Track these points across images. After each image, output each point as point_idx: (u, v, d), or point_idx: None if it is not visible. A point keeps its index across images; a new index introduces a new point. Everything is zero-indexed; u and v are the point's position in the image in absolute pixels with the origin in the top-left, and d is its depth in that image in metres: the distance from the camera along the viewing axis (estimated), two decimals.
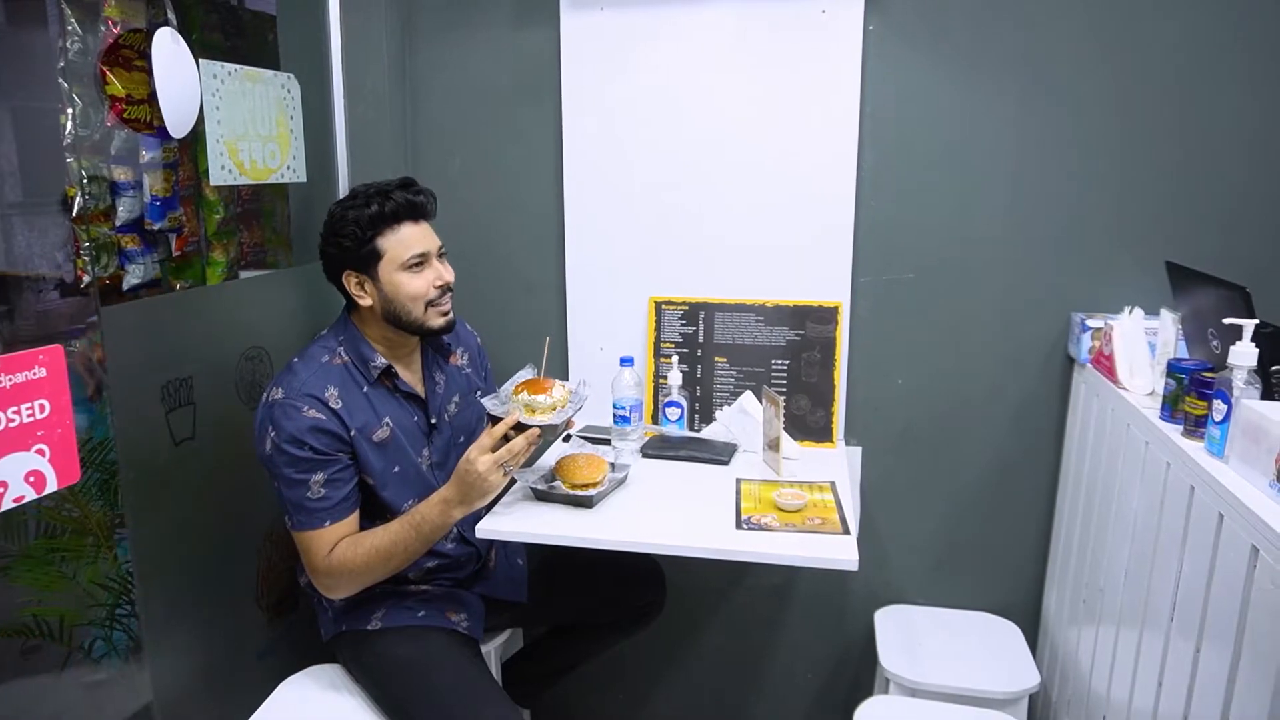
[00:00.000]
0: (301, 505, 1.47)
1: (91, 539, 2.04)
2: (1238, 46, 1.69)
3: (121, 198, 1.58)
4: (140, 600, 1.49)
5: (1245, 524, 1.05)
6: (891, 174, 1.88)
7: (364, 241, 1.52)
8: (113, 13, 1.50)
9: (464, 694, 1.49)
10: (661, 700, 2.27)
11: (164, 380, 1.50)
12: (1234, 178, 1.73)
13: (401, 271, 1.53)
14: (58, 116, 1.48)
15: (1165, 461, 1.33)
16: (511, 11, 1.99)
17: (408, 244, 1.54)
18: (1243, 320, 1.21)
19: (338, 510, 1.49)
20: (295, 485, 1.46)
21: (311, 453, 1.46)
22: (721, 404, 1.99)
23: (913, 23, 1.81)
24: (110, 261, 1.63)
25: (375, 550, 1.48)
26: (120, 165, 1.56)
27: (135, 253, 1.63)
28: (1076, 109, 1.77)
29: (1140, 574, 1.41)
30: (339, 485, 1.49)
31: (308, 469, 1.46)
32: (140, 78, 1.55)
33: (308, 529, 1.48)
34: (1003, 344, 1.89)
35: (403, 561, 1.51)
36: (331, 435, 1.48)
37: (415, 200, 1.55)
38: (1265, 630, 0.99)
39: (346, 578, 1.50)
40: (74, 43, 1.50)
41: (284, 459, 1.45)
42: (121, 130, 1.55)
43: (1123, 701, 1.45)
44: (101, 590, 2.02)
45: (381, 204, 1.52)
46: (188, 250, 1.69)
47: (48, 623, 2.03)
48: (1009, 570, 1.99)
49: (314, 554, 1.49)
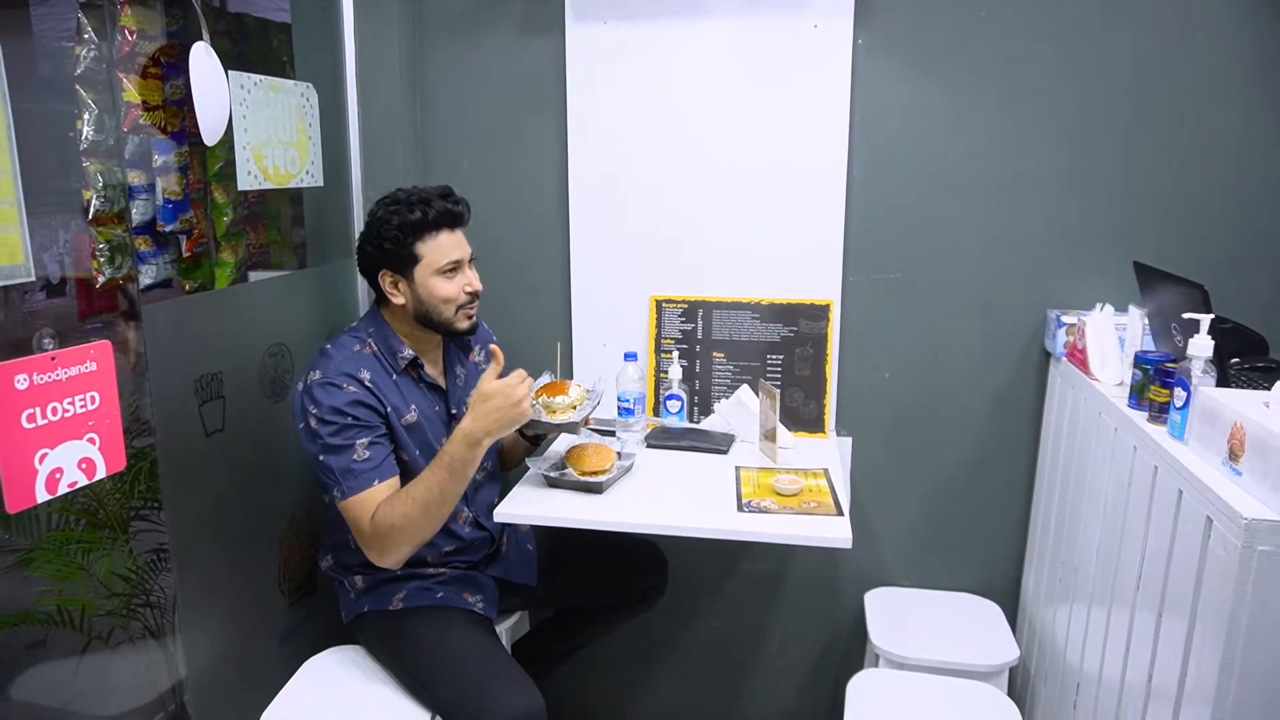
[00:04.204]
0: (349, 469, 1.53)
1: (107, 531, 2.12)
2: (1199, 62, 1.81)
3: (136, 200, 1.64)
4: (176, 581, 1.57)
5: (1201, 498, 1.16)
6: (879, 179, 1.98)
7: (404, 245, 1.61)
8: (129, 21, 1.56)
9: (483, 671, 1.56)
10: (661, 680, 2.36)
11: (198, 375, 1.58)
12: (1195, 185, 1.85)
13: (436, 276, 1.63)
14: (74, 121, 1.54)
15: (1132, 445, 1.44)
16: (518, 23, 2.07)
17: (444, 251, 1.63)
18: (1201, 315, 1.31)
19: (383, 469, 1.56)
20: (341, 451, 1.53)
21: (354, 420, 1.54)
22: (719, 397, 2.09)
23: (899, 37, 1.91)
24: (125, 262, 1.70)
25: (413, 500, 1.52)
26: (134, 169, 1.62)
27: (148, 254, 1.69)
28: (1051, 119, 1.88)
29: (1110, 551, 1.52)
30: (381, 448, 1.57)
31: (353, 435, 1.54)
32: (155, 84, 1.61)
33: (357, 492, 1.53)
34: (983, 339, 2.00)
35: (442, 507, 1.53)
36: (370, 408, 1.57)
37: (455, 210, 1.65)
38: (1217, 595, 1.10)
39: (395, 537, 1.53)
40: (90, 50, 1.57)
41: (329, 429, 1.53)
42: (136, 135, 1.61)
43: (1094, 672, 1.55)
44: (120, 580, 2.09)
45: (425, 212, 1.61)
46: (198, 251, 1.75)
47: (69, 611, 2.10)
48: (990, 552, 2.10)
49: (364, 519, 1.53)
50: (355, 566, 1.69)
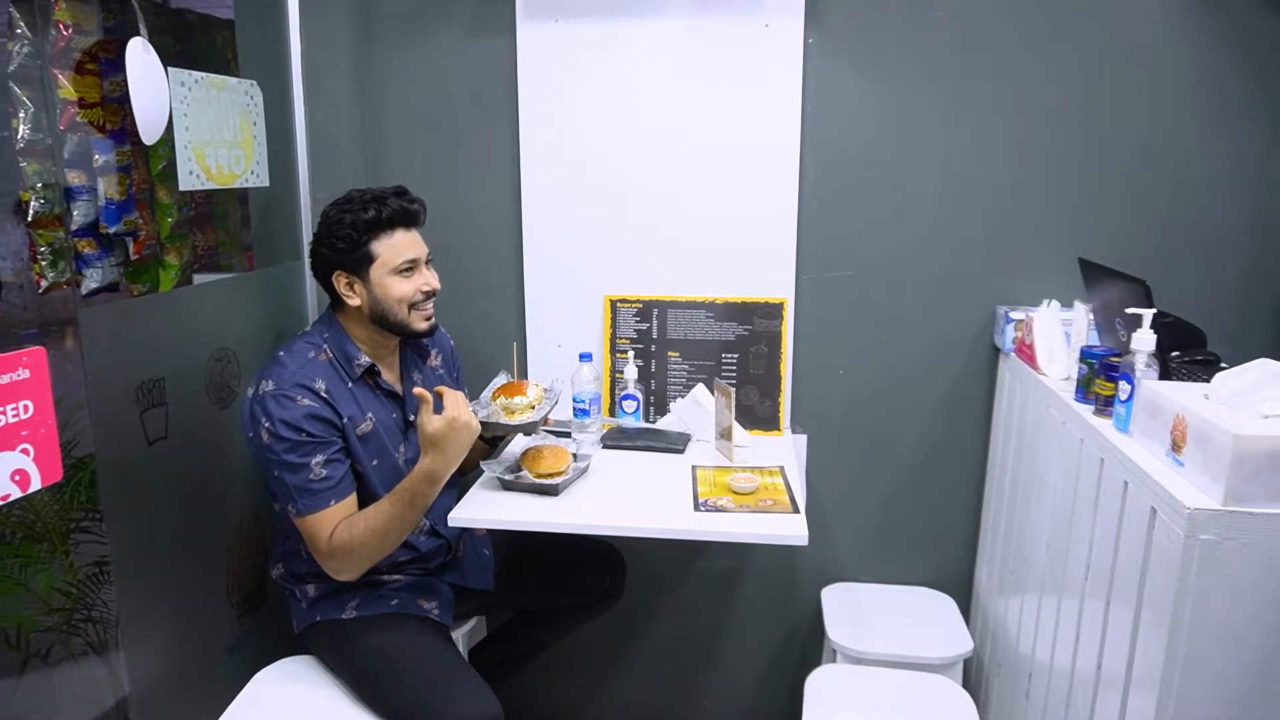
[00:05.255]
0: (305, 488, 1.51)
1: (46, 545, 2.04)
2: (1140, 66, 1.86)
3: (76, 202, 1.58)
4: (118, 594, 1.52)
5: (1146, 489, 1.19)
6: (831, 178, 2.00)
7: (358, 244, 1.58)
8: (64, 16, 1.51)
9: (439, 678, 1.54)
10: (621, 680, 2.36)
11: (138, 381, 1.53)
12: (1137, 185, 1.90)
13: (392, 275, 1.60)
14: (9, 120, 1.48)
15: (1079, 438, 1.47)
16: (469, 21, 2.05)
17: (400, 250, 1.60)
18: (1143, 310, 1.34)
19: (340, 488, 1.54)
20: (297, 469, 1.50)
21: (309, 437, 1.51)
22: (675, 396, 2.09)
23: (849, 37, 1.93)
24: (67, 266, 1.64)
25: (370, 529, 1.52)
26: (74, 169, 1.56)
27: (93, 257, 1.64)
28: (998, 121, 1.92)
29: (1059, 543, 1.55)
30: (338, 465, 1.54)
31: (308, 452, 1.51)
32: (92, 81, 1.55)
33: (314, 511, 1.52)
34: (934, 336, 2.03)
35: (399, 535, 1.55)
36: (326, 421, 1.54)
37: (410, 208, 1.62)
38: (1161, 583, 1.13)
39: (349, 556, 1.53)
40: (23, 46, 1.51)
41: (283, 445, 1.49)
42: (75, 134, 1.55)
43: (1045, 661, 1.59)
44: (60, 595, 2.02)
45: (379, 210, 1.58)
46: (146, 254, 1.70)
47: (5, 629, 2.02)
48: (943, 546, 2.14)
49: (321, 536, 1.52)
50: (307, 575, 1.66)
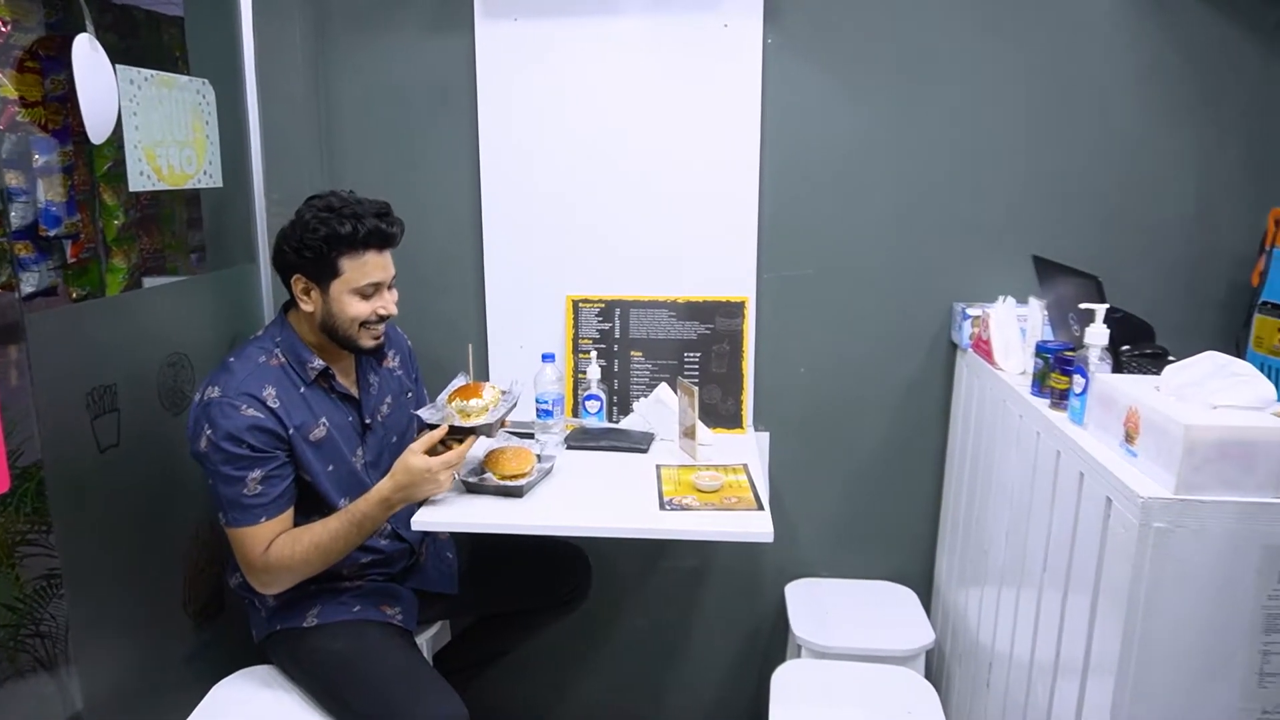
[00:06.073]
0: (237, 502, 1.49)
1: None
2: (1091, 66, 1.90)
3: (14, 203, 1.53)
4: (69, 608, 1.48)
5: (1101, 480, 1.22)
6: (790, 178, 2.01)
7: (326, 257, 1.53)
8: (3, 12, 1.46)
9: (404, 683, 1.52)
10: (587, 680, 2.35)
11: (89, 388, 1.49)
12: (1089, 183, 1.94)
13: (351, 294, 1.56)
14: None
15: (1036, 431, 1.50)
16: (426, 18, 2.03)
17: (367, 272, 1.56)
18: (1096, 305, 1.37)
19: (273, 506, 1.51)
20: (232, 482, 1.48)
21: (249, 450, 1.48)
22: (638, 396, 2.09)
23: (808, 38, 1.95)
24: (3, 270, 1.59)
25: (314, 546, 1.52)
26: (12, 169, 1.51)
27: (29, 260, 1.59)
28: (953, 120, 1.95)
29: (1018, 534, 1.58)
30: (275, 482, 1.51)
31: (245, 466, 1.48)
32: (33, 79, 1.51)
33: (243, 525, 1.50)
34: (893, 333, 2.06)
35: (339, 556, 1.55)
36: (269, 433, 1.50)
37: (388, 231, 1.57)
38: (1117, 571, 1.16)
39: (284, 573, 1.53)
40: None
41: (220, 456, 1.46)
42: (14, 134, 1.51)
43: (1005, 651, 1.61)
44: (6, 610, 1.95)
45: (356, 227, 1.52)
46: (84, 257, 1.65)
47: None
48: (904, 540, 2.17)
49: (249, 550, 1.51)
50: None
